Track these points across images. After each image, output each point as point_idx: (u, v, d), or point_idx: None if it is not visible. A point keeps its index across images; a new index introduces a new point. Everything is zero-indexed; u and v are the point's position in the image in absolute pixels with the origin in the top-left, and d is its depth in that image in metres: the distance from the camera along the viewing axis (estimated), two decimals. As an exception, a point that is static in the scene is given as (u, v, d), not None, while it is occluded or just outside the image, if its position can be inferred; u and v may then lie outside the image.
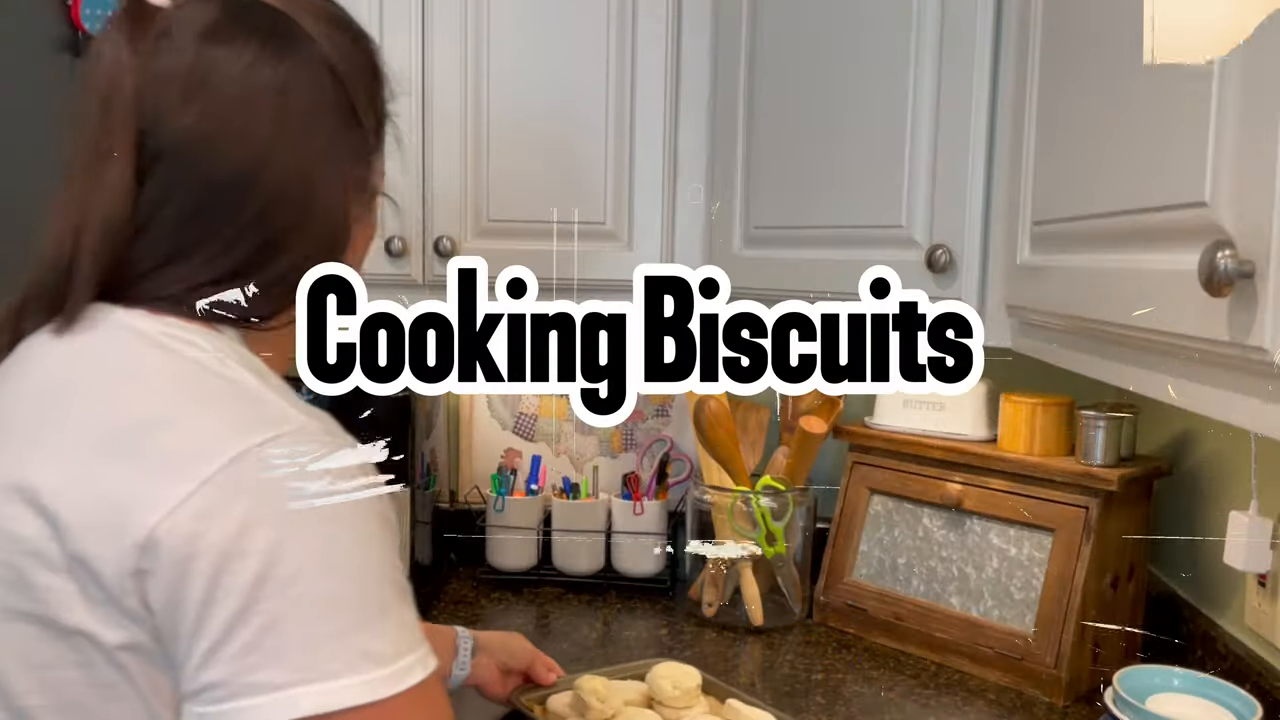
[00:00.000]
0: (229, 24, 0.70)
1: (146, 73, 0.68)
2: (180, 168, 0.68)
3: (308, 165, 0.71)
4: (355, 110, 0.74)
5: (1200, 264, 0.61)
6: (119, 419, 0.61)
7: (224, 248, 0.69)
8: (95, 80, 0.69)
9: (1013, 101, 1.10)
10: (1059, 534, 1.30)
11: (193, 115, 0.68)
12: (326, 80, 0.72)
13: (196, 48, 0.68)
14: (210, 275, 0.69)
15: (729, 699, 1.17)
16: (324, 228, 0.74)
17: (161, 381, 0.64)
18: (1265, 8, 0.60)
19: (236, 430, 0.60)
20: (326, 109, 0.72)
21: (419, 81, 1.45)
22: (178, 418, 0.61)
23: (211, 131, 0.68)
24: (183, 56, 0.68)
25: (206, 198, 0.68)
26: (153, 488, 0.58)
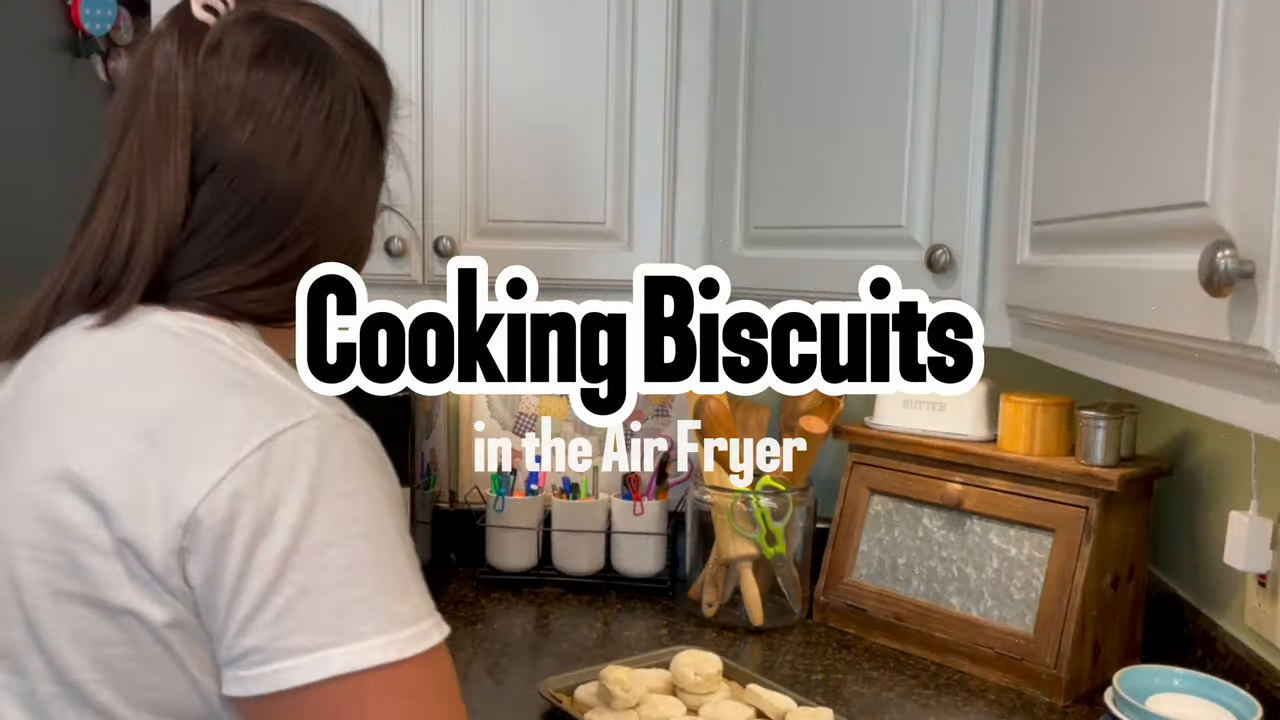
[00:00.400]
0: (276, 47, 0.76)
1: (201, 87, 0.73)
2: (232, 180, 0.73)
3: (349, 183, 0.78)
4: (380, 130, 0.81)
5: (1200, 264, 0.61)
6: (155, 409, 0.65)
7: (266, 257, 0.74)
8: (147, 85, 0.74)
9: (1013, 101, 1.10)
10: (1059, 534, 1.30)
11: (245, 133, 0.73)
12: (360, 102, 0.79)
13: (248, 68, 0.74)
14: (248, 280, 0.74)
15: (750, 684, 1.22)
16: (355, 239, 0.80)
17: (191, 373, 0.68)
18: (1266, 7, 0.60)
19: (262, 417, 0.64)
20: (362, 130, 0.79)
21: (419, 82, 1.45)
22: (209, 407, 0.65)
23: (263, 149, 0.74)
24: (235, 76, 0.74)
25: (255, 211, 0.74)
26: (191, 473, 0.62)
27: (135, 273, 0.71)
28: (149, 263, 0.71)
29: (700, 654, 1.24)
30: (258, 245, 0.74)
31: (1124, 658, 1.34)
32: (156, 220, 0.72)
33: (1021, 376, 1.42)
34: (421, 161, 1.46)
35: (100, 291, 0.72)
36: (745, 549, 1.51)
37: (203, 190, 0.73)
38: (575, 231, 1.47)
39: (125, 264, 0.72)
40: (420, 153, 1.46)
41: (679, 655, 1.24)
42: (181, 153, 0.72)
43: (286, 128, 0.74)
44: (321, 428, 0.65)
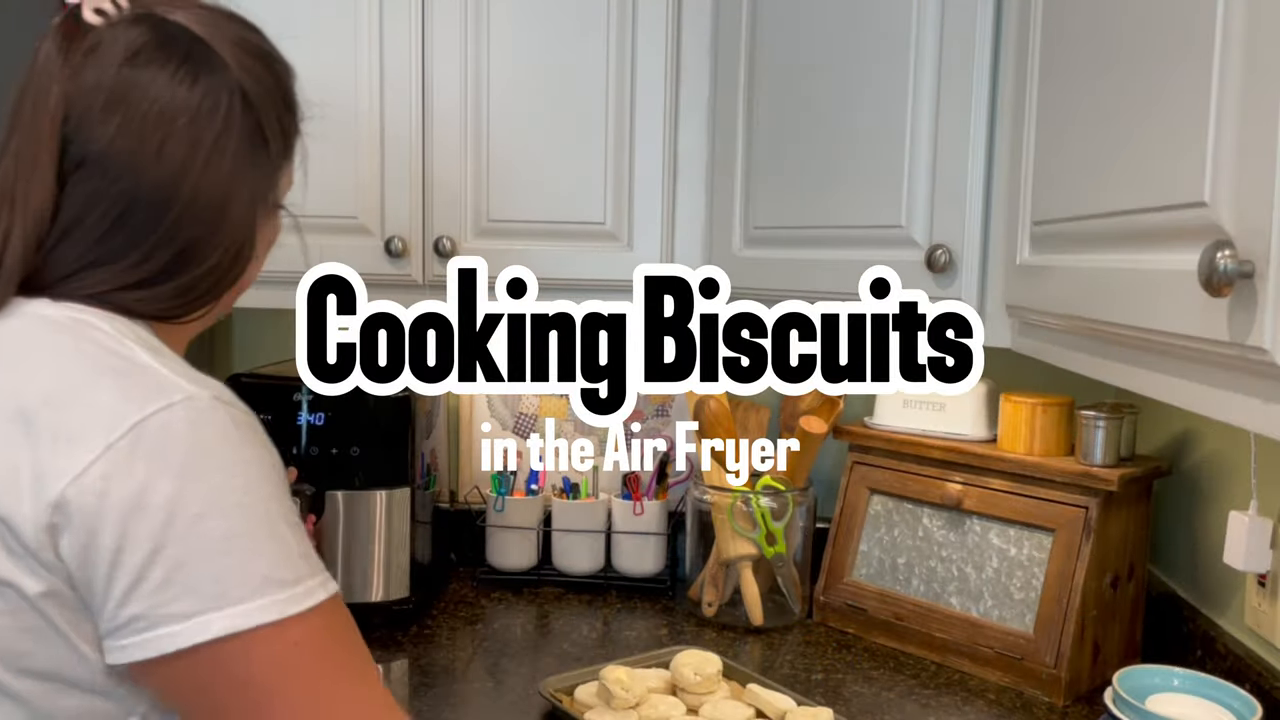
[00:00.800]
0: (152, 47, 0.77)
1: (73, 85, 0.76)
2: (102, 178, 0.75)
3: (220, 182, 0.78)
4: (264, 131, 0.81)
5: (1200, 264, 0.61)
6: (30, 394, 0.68)
7: (142, 257, 0.76)
8: (29, 86, 0.77)
9: (1013, 101, 1.10)
10: (1059, 534, 1.30)
11: (112, 129, 0.75)
12: (237, 103, 0.79)
13: (119, 66, 0.76)
14: (128, 280, 0.76)
15: (749, 684, 1.22)
16: (233, 239, 0.80)
17: (67, 360, 0.70)
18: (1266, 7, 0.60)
19: (134, 400, 0.67)
20: (234, 131, 0.79)
21: (419, 81, 1.45)
22: (83, 393, 0.68)
23: (128, 145, 0.75)
24: (106, 73, 0.76)
25: (127, 209, 0.75)
26: (62, 455, 0.65)
27: (6, 274, 0.74)
28: (19, 262, 0.74)
29: (700, 654, 1.24)
30: (133, 245, 0.75)
31: (1124, 658, 1.34)
32: (26, 219, 0.74)
33: (1021, 376, 1.42)
34: (422, 161, 1.47)
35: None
36: (745, 549, 1.51)
37: (73, 187, 0.75)
38: (575, 231, 1.47)
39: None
40: (420, 153, 1.46)
41: (679, 655, 1.24)
42: (49, 150, 0.74)
43: (152, 124, 0.75)
44: (192, 409, 0.68)
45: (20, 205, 0.74)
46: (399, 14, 1.44)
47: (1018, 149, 1.07)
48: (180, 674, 0.66)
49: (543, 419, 1.80)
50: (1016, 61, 1.09)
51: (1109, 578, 1.31)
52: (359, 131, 1.46)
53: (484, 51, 1.45)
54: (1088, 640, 1.29)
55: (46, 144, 0.75)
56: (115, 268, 0.76)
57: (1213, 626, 1.25)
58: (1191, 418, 1.37)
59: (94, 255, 0.75)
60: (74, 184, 0.75)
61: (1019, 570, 1.34)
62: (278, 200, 0.87)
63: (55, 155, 0.75)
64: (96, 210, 0.75)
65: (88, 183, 0.75)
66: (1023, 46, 1.07)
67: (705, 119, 1.47)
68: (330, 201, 1.46)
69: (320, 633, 0.69)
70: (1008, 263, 1.11)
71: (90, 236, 0.75)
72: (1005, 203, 1.12)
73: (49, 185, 0.75)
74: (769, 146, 1.38)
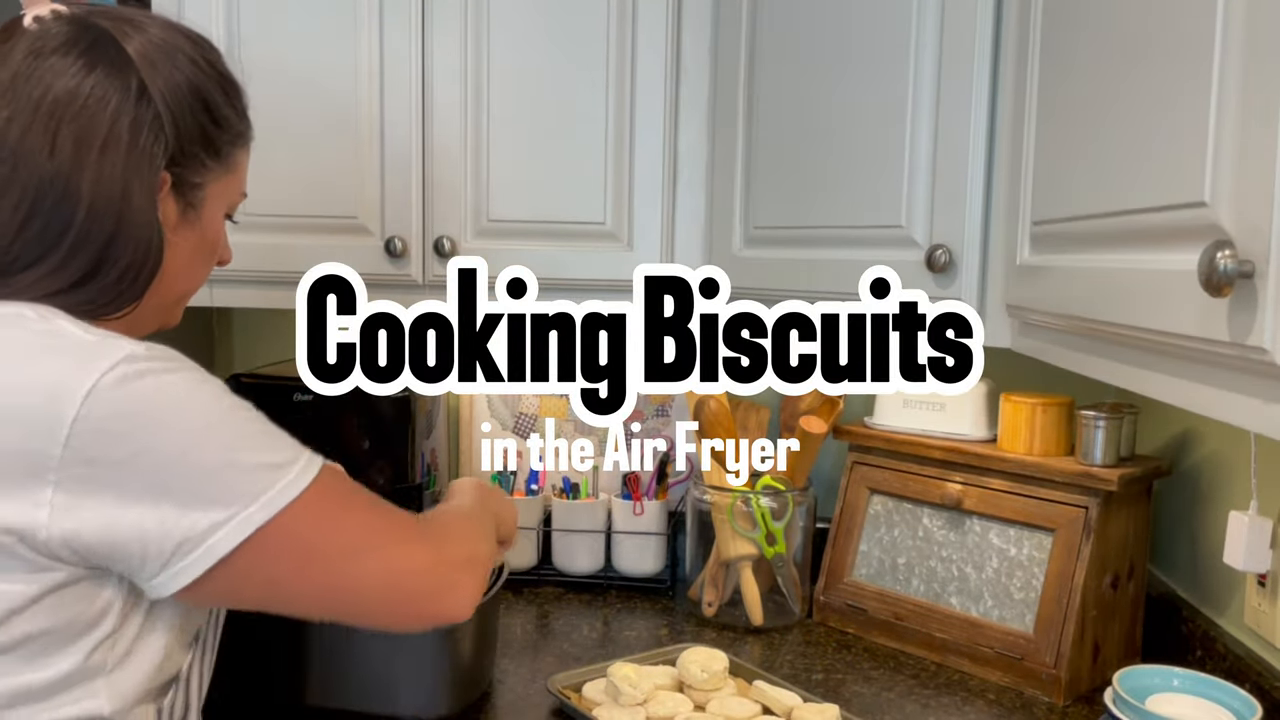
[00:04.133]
0: (58, 40, 0.79)
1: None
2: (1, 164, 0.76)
3: (116, 177, 0.79)
4: (161, 123, 0.81)
5: (1200, 264, 0.61)
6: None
7: (61, 261, 0.78)
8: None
9: (1013, 101, 1.10)
10: (1059, 534, 1.30)
11: (6, 113, 0.77)
12: (132, 96, 0.79)
13: (22, 58, 0.78)
14: (62, 284, 0.78)
15: (756, 680, 1.23)
16: (139, 236, 0.81)
17: (10, 354, 0.73)
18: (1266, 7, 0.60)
19: (81, 369, 0.71)
20: (130, 123, 0.79)
21: (419, 81, 1.45)
22: (33, 379, 0.71)
23: (20, 135, 0.76)
24: (11, 63, 0.78)
25: (35, 201, 0.77)
26: (39, 439, 0.69)
27: None
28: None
29: (707, 651, 1.25)
30: (51, 246, 0.77)
31: (1124, 658, 1.34)
32: None
33: (1021, 376, 1.42)
34: (422, 161, 1.47)
35: None
36: (745, 549, 1.52)
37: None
38: (575, 231, 1.47)
39: None
40: (420, 153, 1.46)
41: (685, 652, 1.25)
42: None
43: (45, 112, 0.76)
44: (136, 363, 0.72)
45: None
46: (399, 14, 1.44)
47: (1018, 149, 1.07)
48: (236, 571, 0.73)
49: (543, 419, 1.80)
50: (1016, 61, 1.09)
51: (1109, 578, 1.31)
52: (359, 132, 1.46)
53: (484, 51, 1.45)
54: (1088, 640, 1.29)
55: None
56: (37, 271, 0.77)
57: (1213, 626, 1.25)
58: (1191, 418, 1.37)
59: (14, 254, 0.77)
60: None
61: (1019, 570, 1.34)
62: (197, 202, 0.87)
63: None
64: (6, 201, 0.77)
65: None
66: (1023, 46, 1.07)
67: (705, 119, 1.47)
68: (330, 201, 1.46)
69: (329, 485, 0.78)
70: (1008, 263, 1.11)
71: (6, 231, 0.77)
72: (1005, 203, 1.12)
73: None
74: (769, 146, 1.38)
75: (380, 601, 0.81)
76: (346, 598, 0.80)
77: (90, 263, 0.78)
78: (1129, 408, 1.33)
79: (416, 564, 0.82)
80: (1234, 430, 1.22)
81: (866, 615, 1.47)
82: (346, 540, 0.79)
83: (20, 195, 0.76)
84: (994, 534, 1.38)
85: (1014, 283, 1.09)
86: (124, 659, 0.77)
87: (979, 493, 1.39)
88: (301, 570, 0.76)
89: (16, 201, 0.76)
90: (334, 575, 0.78)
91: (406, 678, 1.14)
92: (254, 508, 0.73)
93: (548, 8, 1.44)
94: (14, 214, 0.77)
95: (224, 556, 0.72)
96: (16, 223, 0.77)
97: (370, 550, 0.80)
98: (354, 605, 0.81)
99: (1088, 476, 1.28)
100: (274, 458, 0.76)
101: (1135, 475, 1.29)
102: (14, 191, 0.76)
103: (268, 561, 0.74)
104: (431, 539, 0.86)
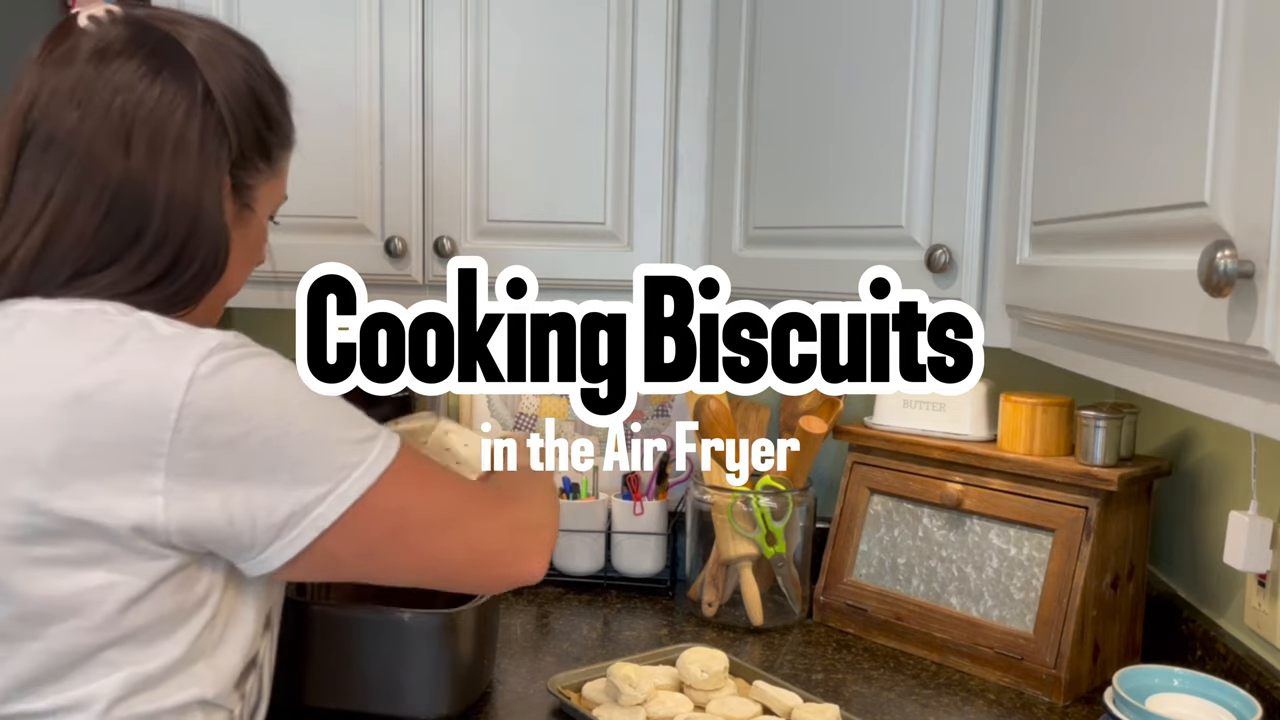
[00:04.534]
0: (121, 43, 0.80)
1: (42, 77, 0.79)
2: (76, 165, 0.78)
3: (191, 179, 0.81)
4: (228, 131, 0.83)
5: (1200, 264, 0.61)
6: (80, 377, 0.72)
7: (140, 262, 0.79)
8: (11, 95, 0.81)
9: (1013, 101, 1.10)
10: (1059, 534, 1.30)
11: (77, 116, 0.78)
12: (199, 102, 0.81)
13: (87, 60, 0.79)
14: (139, 284, 0.80)
15: (756, 680, 1.23)
16: (212, 236, 0.83)
17: (97, 341, 0.74)
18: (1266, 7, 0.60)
19: (178, 358, 0.73)
20: (199, 126, 0.81)
21: (419, 81, 1.45)
22: (131, 368, 0.73)
23: (96, 135, 0.78)
24: (75, 66, 0.79)
25: (112, 203, 0.78)
26: (144, 427, 0.71)
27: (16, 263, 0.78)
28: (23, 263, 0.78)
29: (707, 651, 1.25)
30: (129, 246, 0.79)
31: (1124, 658, 1.34)
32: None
33: (1021, 376, 1.42)
34: (422, 161, 1.47)
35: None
36: (745, 549, 1.51)
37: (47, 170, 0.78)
38: (575, 231, 1.47)
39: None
40: (420, 153, 1.46)
41: (686, 652, 1.25)
42: (10, 130, 0.79)
43: (116, 115, 0.78)
44: (229, 350, 0.75)
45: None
46: (399, 14, 1.44)
47: (1018, 149, 1.07)
48: (336, 542, 0.77)
49: (543, 419, 1.80)
50: (1016, 61, 1.09)
51: (1109, 578, 1.31)
52: (359, 131, 1.46)
53: (484, 51, 1.45)
54: (1088, 640, 1.29)
55: (10, 125, 0.79)
56: (115, 271, 0.79)
57: (1213, 626, 1.25)
58: (1191, 418, 1.36)
59: (91, 254, 0.78)
60: (46, 166, 0.78)
61: (1019, 570, 1.34)
62: (251, 203, 0.89)
63: (15, 135, 0.79)
64: (84, 202, 0.77)
65: (62, 167, 0.77)
66: (1023, 46, 1.07)
67: (705, 119, 1.47)
68: (330, 201, 1.46)
69: (409, 459, 0.83)
70: (1008, 263, 1.11)
71: (84, 232, 0.78)
72: (1005, 203, 1.12)
73: (5, 161, 0.79)
74: (769, 146, 1.38)
75: (466, 564, 0.87)
76: (435, 565, 0.86)
77: (167, 263, 0.80)
78: (1129, 408, 1.33)
79: (493, 530, 0.88)
80: (1234, 430, 1.22)
81: (866, 615, 1.47)
82: (434, 508, 0.84)
83: (98, 196, 0.78)
84: (994, 534, 1.38)
85: (1014, 283, 1.09)
86: (219, 642, 0.80)
87: (979, 493, 1.39)
88: (394, 538, 0.81)
89: (94, 202, 0.78)
90: (424, 542, 0.83)
91: (407, 678, 1.14)
92: (351, 479, 0.77)
93: (548, 8, 1.44)
94: (92, 214, 0.78)
95: (327, 528, 0.76)
96: (95, 223, 0.78)
97: (454, 518, 0.85)
98: (442, 571, 0.87)
99: (1088, 476, 1.28)
100: (360, 432, 0.80)
101: (1135, 475, 1.29)
102: (91, 192, 0.78)
103: (364, 531, 0.79)
104: (504, 503, 0.93)
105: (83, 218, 0.78)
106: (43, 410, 0.71)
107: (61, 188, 0.78)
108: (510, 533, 0.90)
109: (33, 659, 0.73)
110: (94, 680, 0.74)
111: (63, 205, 0.78)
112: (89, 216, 0.78)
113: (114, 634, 0.74)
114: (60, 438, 0.71)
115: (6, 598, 0.73)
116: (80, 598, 0.72)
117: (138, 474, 0.71)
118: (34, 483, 0.71)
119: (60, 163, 0.78)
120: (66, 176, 0.78)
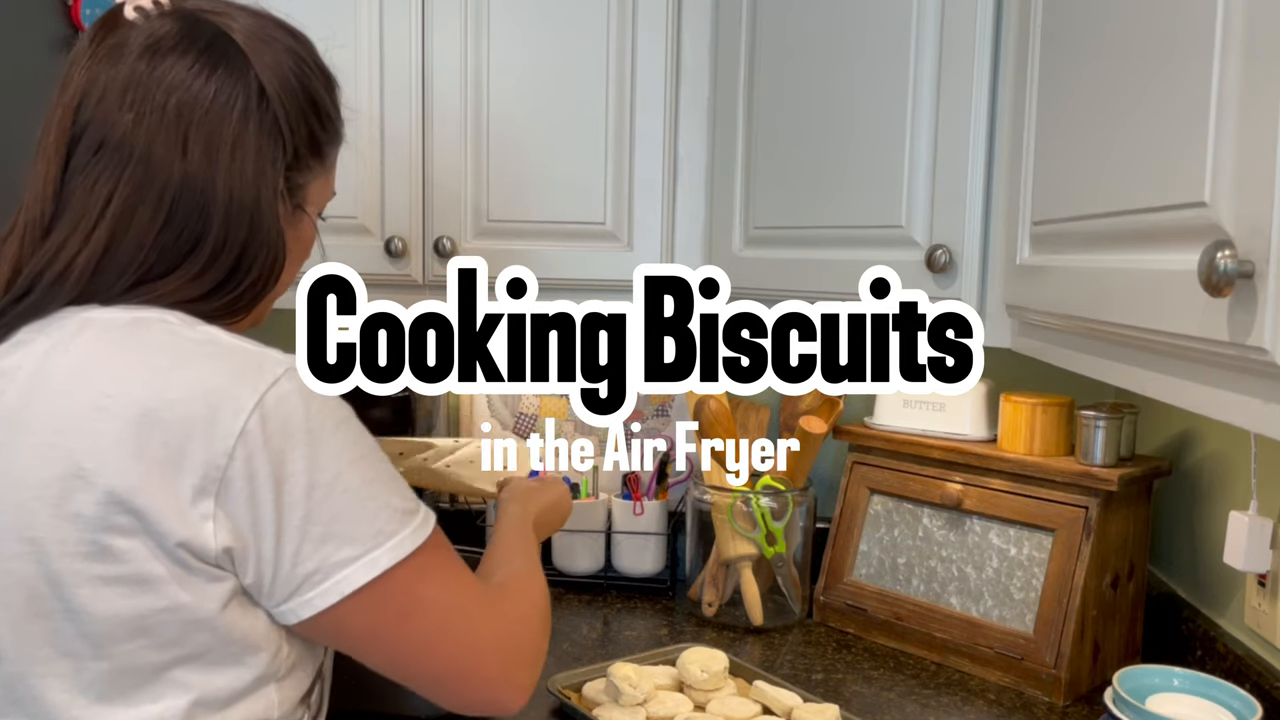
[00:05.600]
0: (173, 38, 0.77)
1: (92, 73, 0.76)
2: (133, 169, 0.75)
3: (249, 180, 0.78)
4: (281, 129, 0.81)
5: (1200, 264, 0.61)
6: (145, 394, 0.70)
7: (201, 268, 0.77)
8: (60, 81, 0.78)
9: (1013, 102, 1.10)
10: (1059, 534, 1.30)
11: (130, 116, 0.75)
12: (254, 100, 0.79)
13: (138, 56, 0.76)
14: (193, 293, 0.77)
15: (756, 680, 1.23)
16: (269, 240, 0.81)
17: (163, 355, 0.72)
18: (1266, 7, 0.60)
19: (245, 380, 0.70)
20: (254, 125, 0.79)
21: (419, 81, 1.45)
22: (195, 386, 0.70)
23: (152, 136, 0.75)
24: (125, 61, 0.76)
25: (173, 205, 0.75)
26: (201, 448, 0.69)
27: (76, 272, 0.75)
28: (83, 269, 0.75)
29: (707, 651, 1.25)
30: (190, 253, 0.76)
31: (1124, 658, 1.34)
32: (24, 216, 0.76)
33: (1021, 376, 1.42)
34: (422, 161, 1.47)
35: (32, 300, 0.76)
36: (745, 549, 1.51)
37: (99, 173, 0.75)
38: (575, 231, 1.47)
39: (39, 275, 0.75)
40: (420, 153, 1.46)
41: (686, 653, 1.25)
42: (60, 129, 0.76)
43: (172, 115, 0.75)
44: (295, 379, 0.73)
45: (26, 201, 0.77)
46: (399, 14, 1.44)
47: (1018, 149, 1.07)
48: (350, 611, 0.73)
49: (543, 419, 1.80)
50: (1016, 61, 1.09)
51: (1109, 578, 1.31)
52: (359, 131, 1.45)
53: (484, 51, 1.45)
54: (1088, 640, 1.29)
55: (59, 124, 0.76)
56: (176, 279, 0.76)
57: (1213, 626, 1.25)
58: (1191, 418, 1.36)
59: (151, 261, 0.76)
60: (103, 169, 0.75)
61: (1019, 570, 1.34)
62: (302, 203, 0.87)
63: (65, 135, 0.76)
64: (144, 208, 0.75)
65: (119, 170, 0.75)
66: (1023, 46, 1.07)
67: (705, 119, 1.47)
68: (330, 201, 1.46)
69: (439, 542, 0.79)
70: (1008, 263, 1.11)
71: (145, 238, 0.75)
72: (1005, 203, 1.12)
73: (55, 162, 0.76)
74: (769, 146, 1.38)
75: (451, 675, 0.80)
76: (425, 660, 0.78)
77: (226, 271, 0.78)
78: (1129, 408, 1.33)
79: (487, 645, 0.81)
80: (1234, 430, 1.22)
81: (866, 615, 1.47)
82: (447, 601, 0.78)
83: (158, 202, 0.75)
84: (994, 534, 1.38)
85: (1014, 283, 1.09)
86: (293, 667, 0.77)
87: (979, 493, 1.39)
88: (402, 622, 0.75)
89: (155, 208, 0.75)
90: (427, 634, 0.77)
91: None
92: (383, 549, 0.73)
93: (548, 8, 1.44)
94: (153, 220, 0.75)
95: (348, 594, 0.72)
96: (155, 229, 0.75)
97: (462, 616, 0.79)
98: (427, 671, 0.79)
99: (1088, 476, 1.28)
100: (404, 503, 0.76)
101: (1135, 475, 1.29)
102: (151, 197, 0.75)
103: (377, 607, 0.74)
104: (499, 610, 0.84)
105: (143, 224, 0.75)
106: (104, 424, 0.69)
107: (120, 192, 0.75)
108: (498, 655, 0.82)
109: (101, 677, 0.71)
110: (161, 699, 0.72)
111: (122, 211, 0.75)
112: (149, 222, 0.75)
113: (180, 653, 0.71)
114: (121, 452, 0.68)
115: (73, 616, 0.70)
116: (146, 619, 0.70)
117: (195, 496, 0.69)
118: (94, 498, 0.68)
119: (117, 166, 0.75)
120: (125, 181, 0.75)
